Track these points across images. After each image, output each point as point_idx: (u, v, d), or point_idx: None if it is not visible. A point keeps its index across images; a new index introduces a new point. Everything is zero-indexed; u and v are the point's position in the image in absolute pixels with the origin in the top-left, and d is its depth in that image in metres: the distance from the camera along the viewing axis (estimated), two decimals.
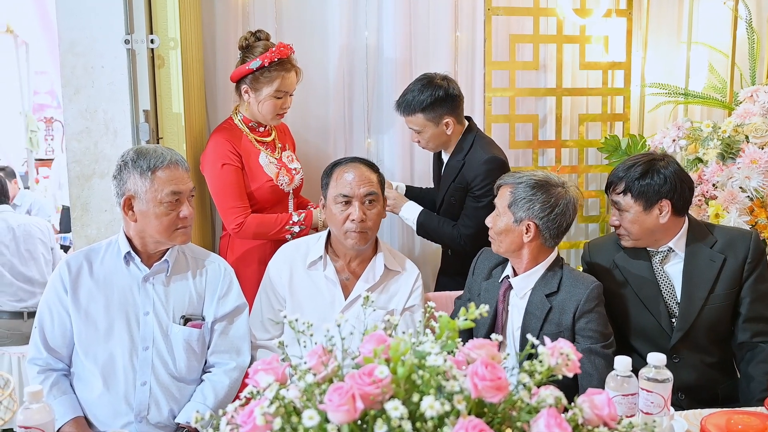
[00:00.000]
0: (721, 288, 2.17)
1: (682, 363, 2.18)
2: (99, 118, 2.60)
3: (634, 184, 2.15)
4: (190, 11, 2.89)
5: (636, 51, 3.54)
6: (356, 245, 2.23)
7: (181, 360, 2.04)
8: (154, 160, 1.96)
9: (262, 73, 2.63)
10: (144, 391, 2.00)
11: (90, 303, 2.00)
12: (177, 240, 2.02)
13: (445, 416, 0.93)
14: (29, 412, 1.44)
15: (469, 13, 3.44)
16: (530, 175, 2.09)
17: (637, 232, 2.19)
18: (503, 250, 2.14)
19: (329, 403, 0.94)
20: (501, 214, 2.11)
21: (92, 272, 2.03)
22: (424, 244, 3.49)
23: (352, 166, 2.26)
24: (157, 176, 1.95)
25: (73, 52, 2.57)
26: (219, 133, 2.73)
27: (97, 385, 1.99)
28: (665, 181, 2.13)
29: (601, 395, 1.06)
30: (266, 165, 2.74)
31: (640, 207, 2.15)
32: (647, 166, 2.16)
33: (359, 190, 2.21)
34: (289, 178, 2.79)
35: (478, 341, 1.07)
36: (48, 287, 2.04)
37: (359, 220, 2.19)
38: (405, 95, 2.69)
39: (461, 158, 2.71)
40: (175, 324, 2.03)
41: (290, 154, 2.89)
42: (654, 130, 3.52)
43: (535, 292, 2.11)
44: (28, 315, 3.63)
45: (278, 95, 2.66)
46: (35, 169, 6.76)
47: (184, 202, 1.99)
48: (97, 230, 2.61)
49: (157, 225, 1.97)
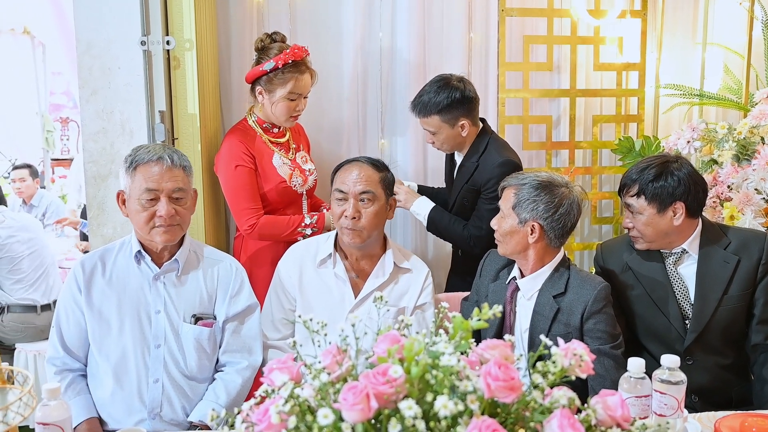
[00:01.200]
0: (735, 289, 2.16)
1: (695, 365, 2.17)
2: (115, 119, 2.63)
3: (647, 186, 2.14)
4: (206, 13, 2.92)
5: (651, 52, 3.53)
6: (351, 243, 2.25)
7: (192, 358, 2.06)
8: (138, 157, 1.98)
9: (276, 74, 2.64)
10: (156, 388, 2.01)
11: (103, 301, 2.02)
12: (156, 238, 1.99)
13: (458, 416, 0.94)
14: (47, 409, 1.46)
15: (483, 14, 3.45)
16: (534, 176, 2.09)
17: (650, 234, 2.18)
18: (509, 252, 2.14)
19: (344, 402, 0.94)
20: (505, 216, 2.11)
21: (105, 272, 2.05)
22: (437, 246, 3.50)
23: (356, 164, 2.27)
24: (136, 173, 1.97)
25: (90, 54, 2.60)
26: (233, 134, 2.75)
27: (111, 383, 2.00)
28: (679, 183, 2.12)
29: (614, 396, 1.07)
30: (280, 166, 2.75)
31: (653, 209, 2.15)
32: (660, 169, 2.15)
33: (355, 188, 2.22)
34: (302, 179, 2.80)
35: (491, 342, 1.08)
36: (64, 288, 2.07)
37: (351, 216, 2.20)
38: (420, 96, 2.68)
39: (475, 160, 2.71)
40: (186, 323, 2.05)
41: (304, 155, 2.89)
42: (668, 132, 3.50)
43: (543, 293, 2.11)
44: (41, 308, 3.68)
45: (291, 97, 2.67)
46: (51, 169, 6.83)
47: (161, 199, 1.96)
48: (113, 229, 2.63)
49: (136, 221, 1.99)
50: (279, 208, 2.78)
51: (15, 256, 3.67)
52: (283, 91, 2.66)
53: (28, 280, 3.70)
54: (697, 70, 3.50)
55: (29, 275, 3.71)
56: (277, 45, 2.69)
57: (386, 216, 2.31)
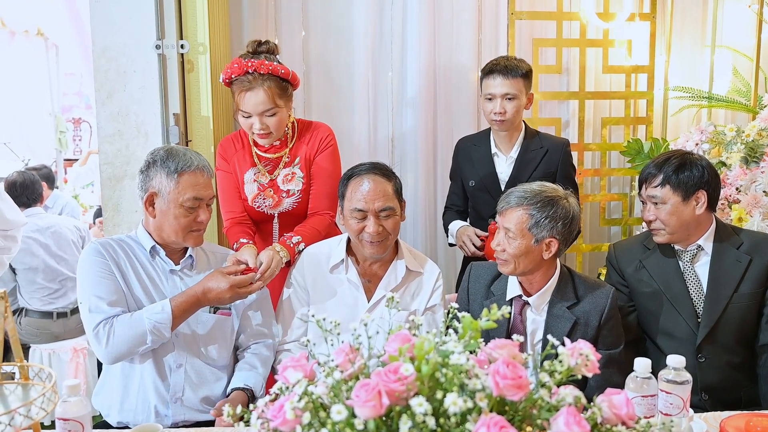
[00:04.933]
0: (746, 288, 2.19)
1: (707, 363, 2.19)
2: (131, 121, 2.67)
3: (672, 175, 2.17)
4: (219, 17, 2.96)
5: (659, 54, 3.54)
6: (374, 254, 2.24)
7: (213, 346, 2.12)
8: (183, 164, 2.02)
9: (231, 89, 2.46)
10: (180, 373, 2.06)
11: (128, 281, 2.06)
12: (189, 242, 2.09)
13: (467, 413, 0.96)
14: (67, 405, 1.50)
15: (493, 17, 3.47)
16: (531, 194, 2.05)
17: (674, 224, 2.19)
18: (519, 272, 2.08)
19: (356, 398, 0.97)
20: (516, 237, 2.03)
21: (126, 257, 2.08)
22: (446, 247, 3.52)
23: (367, 177, 2.22)
24: (182, 179, 2.01)
25: (106, 57, 2.64)
26: (225, 138, 2.63)
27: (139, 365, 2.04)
28: (703, 172, 2.17)
29: (619, 395, 1.09)
30: (248, 183, 2.55)
31: (678, 197, 2.17)
32: (682, 159, 2.20)
33: (374, 205, 2.18)
34: (272, 201, 2.54)
35: (500, 341, 1.10)
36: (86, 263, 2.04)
37: (375, 233, 2.18)
38: (508, 60, 2.74)
39: (538, 146, 2.77)
40: (204, 312, 2.10)
41: (294, 173, 2.55)
42: (677, 134, 3.52)
43: (553, 304, 2.10)
44: (57, 315, 3.69)
45: (243, 114, 2.42)
46: (63, 169, 6.88)
47: (203, 207, 2.07)
48: (128, 230, 2.67)
49: (174, 225, 2.04)
50: (256, 222, 2.61)
51: (32, 267, 3.65)
52: (237, 106, 2.44)
53: (44, 291, 3.69)
54: (706, 72, 3.50)
55: (45, 289, 3.70)
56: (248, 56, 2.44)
57: (401, 221, 2.31)
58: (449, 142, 3.39)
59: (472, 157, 2.86)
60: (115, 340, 1.95)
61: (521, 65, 2.70)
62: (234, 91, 2.41)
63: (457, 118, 3.54)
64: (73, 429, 1.49)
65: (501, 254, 2.08)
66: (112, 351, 1.96)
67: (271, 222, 2.60)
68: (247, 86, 2.36)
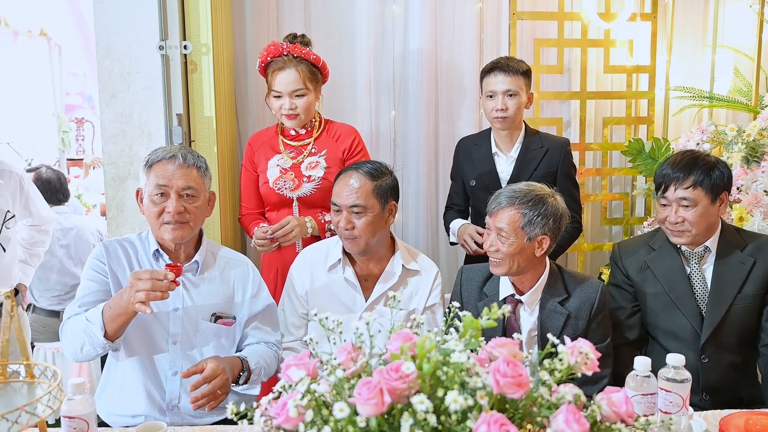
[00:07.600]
0: (750, 289, 2.20)
1: (710, 363, 2.20)
2: (134, 122, 2.68)
3: (705, 178, 2.15)
4: (222, 18, 2.97)
5: (661, 54, 3.55)
6: (350, 249, 2.28)
7: (210, 355, 2.06)
8: (155, 156, 2.02)
9: (267, 73, 2.71)
10: (175, 380, 2.05)
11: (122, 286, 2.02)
12: (165, 235, 2.00)
13: (468, 411, 0.97)
14: (72, 403, 1.51)
15: (494, 17, 3.48)
16: (521, 193, 2.07)
17: (703, 226, 2.18)
18: (513, 271, 2.11)
19: (358, 396, 0.98)
20: (509, 236, 2.06)
21: (129, 260, 2.08)
22: (447, 246, 3.53)
23: (352, 174, 2.25)
24: (152, 170, 2.01)
25: (109, 58, 2.65)
26: (253, 135, 2.89)
27: (134, 371, 2.03)
28: (727, 174, 2.18)
29: (618, 393, 1.10)
30: (271, 168, 2.75)
31: (708, 200, 2.16)
32: (707, 160, 2.18)
33: (347, 200, 2.22)
34: (293, 184, 2.71)
35: (500, 340, 1.11)
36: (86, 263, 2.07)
37: (344, 228, 2.22)
38: (508, 58, 2.77)
39: (538, 145, 2.78)
40: (205, 321, 2.08)
41: (319, 161, 2.72)
42: (678, 134, 3.52)
43: (545, 300, 2.14)
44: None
45: (275, 94, 2.67)
46: (66, 169, 6.89)
47: (171, 196, 1.98)
48: (131, 230, 2.68)
49: (148, 217, 2.03)
50: (273, 210, 2.79)
51: (49, 266, 3.67)
52: (269, 87, 2.71)
53: (55, 291, 3.73)
54: (707, 72, 3.51)
55: (57, 288, 3.73)
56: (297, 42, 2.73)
57: (384, 222, 2.28)
58: (451, 142, 3.39)
59: (472, 156, 2.87)
60: (66, 339, 1.96)
61: (521, 64, 2.73)
62: (268, 73, 2.67)
63: (458, 118, 3.55)
64: (78, 427, 1.50)
65: (495, 255, 2.11)
66: (67, 349, 1.98)
67: (291, 206, 2.75)
68: (281, 65, 2.63)
